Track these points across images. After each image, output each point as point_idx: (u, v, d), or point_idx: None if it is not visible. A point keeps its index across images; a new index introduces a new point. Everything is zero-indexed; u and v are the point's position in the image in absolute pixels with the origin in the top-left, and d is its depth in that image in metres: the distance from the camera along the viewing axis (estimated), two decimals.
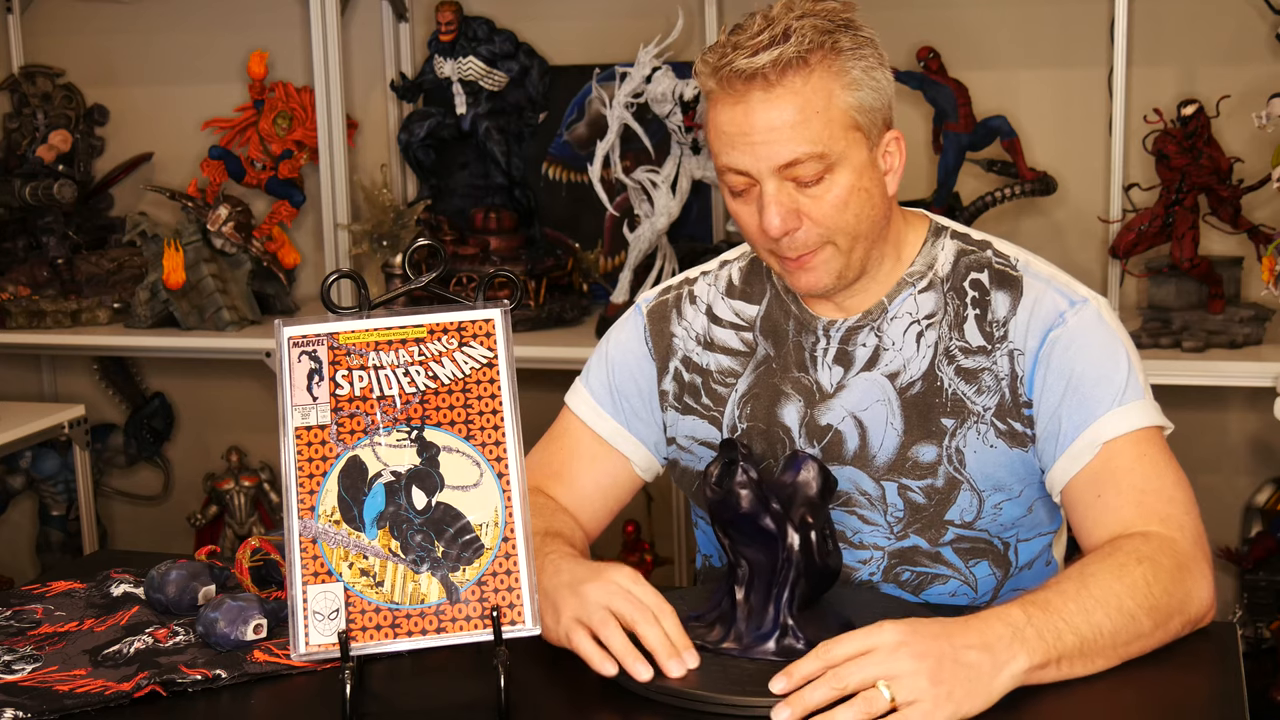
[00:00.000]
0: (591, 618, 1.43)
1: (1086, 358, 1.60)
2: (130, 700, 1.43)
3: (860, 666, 1.31)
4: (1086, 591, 1.42)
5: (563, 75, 3.24)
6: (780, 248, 1.60)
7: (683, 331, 1.77)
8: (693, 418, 1.76)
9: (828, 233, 1.58)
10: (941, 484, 1.63)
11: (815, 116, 1.54)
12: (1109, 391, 1.58)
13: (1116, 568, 1.45)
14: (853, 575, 1.67)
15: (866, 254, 1.63)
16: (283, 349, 1.43)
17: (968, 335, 1.64)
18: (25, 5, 3.60)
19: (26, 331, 3.26)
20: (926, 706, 1.29)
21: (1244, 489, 2.97)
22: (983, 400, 1.63)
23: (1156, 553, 1.48)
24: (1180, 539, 1.52)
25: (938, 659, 1.31)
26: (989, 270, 1.66)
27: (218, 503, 3.48)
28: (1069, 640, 1.38)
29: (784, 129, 1.54)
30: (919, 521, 1.65)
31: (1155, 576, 1.45)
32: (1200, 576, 1.50)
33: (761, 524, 1.46)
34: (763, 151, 1.55)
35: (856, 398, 1.66)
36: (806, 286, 1.63)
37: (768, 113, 1.54)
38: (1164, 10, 2.88)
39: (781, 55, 1.52)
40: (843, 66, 1.55)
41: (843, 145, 1.56)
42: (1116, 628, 1.41)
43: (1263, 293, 2.70)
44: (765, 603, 1.47)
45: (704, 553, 1.87)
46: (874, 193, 1.60)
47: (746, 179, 1.58)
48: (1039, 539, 1.70)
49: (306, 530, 1.38)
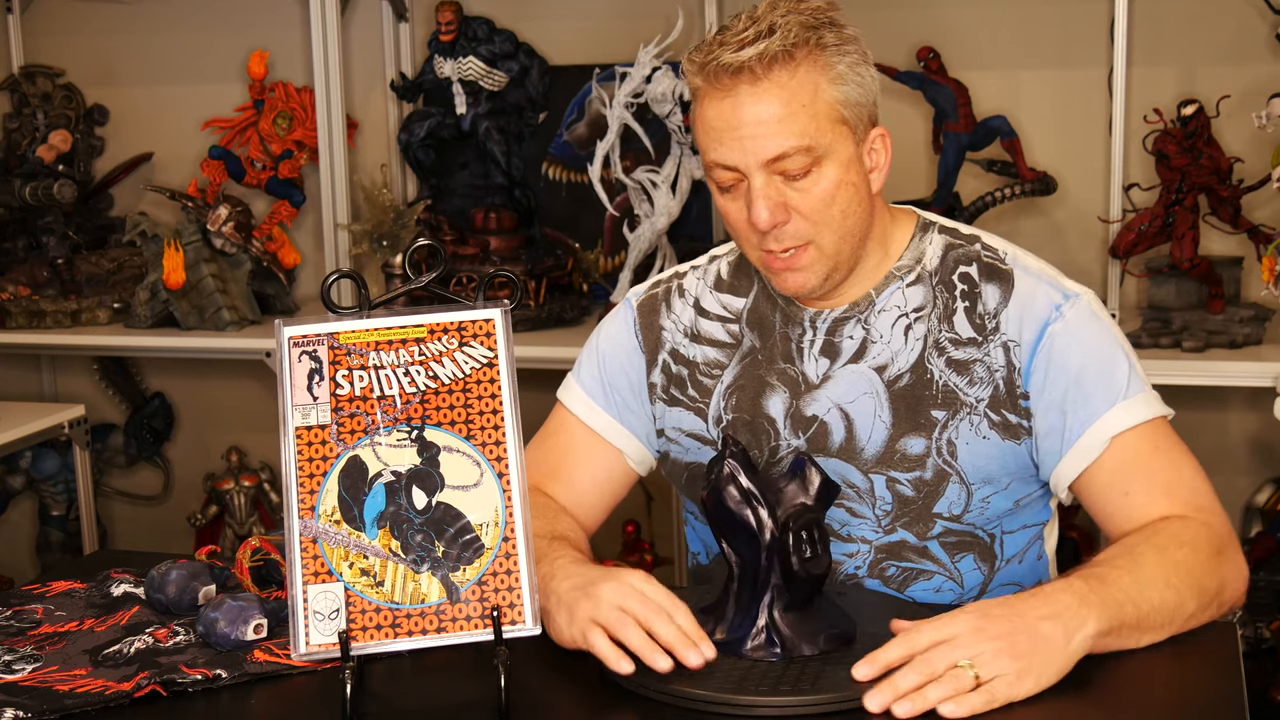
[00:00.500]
0: (608, 618, 1.43)
1: (1087, 352, 1.61)
2: (130, 700, 1.43)
3: (944, 653, 1.35)
4: (1138, 569, 1.47)
5: (563, 75, 3.24)
6: (767, 242, 1.60)
7: (671, 324, 1.78)
8: (679, 409, 1.76)
9: (814, 227, 1.59)
10: (930, 476, 1.64)
11: (802, 110, 1.55)
12: (1112, 386, 1.60)
13: (1161, 549, 1.50)
14: (839, 569, 1.67)
15: (853, 253, 1.64)
16: (283, 349, 1.44)
17: (957, 327, 1.65)
18: (25, 5, 3.60)
19: (26, 331, 3.26)
20: (1010, 679, 1.35)
21: (1244, 489, 2.97)
22: (975, 391, 1.63)
23: (1195, 537, 1.53)
24: (1215, 524, 1.57)
25: (1013, 635, 1.37)
26: (978, 263, 1.67)
27: (218, 503, 3.48)
28: (1129, 611, 1.44)
29: (771, 123, 1.55)
30: (907, 515, 1.65)
31: (1196, 559, 1.51)
32: (1233, 562, 1.56)
33: (745, 523, 1.47)
34: (750, 145, 1.56)
35: (843, 389, 1.67)
36: (795, 288, 1.64)
37: (755, 106, 1.55)
38: (1164, 10, 2.88)
39: (767, 49, 1.54)
40: (828, 61, 1.57)
41: (829, 139, 1.57)
42: (1167, 604, 1.46)
43: (1263, 293, 2.70)
44: (751, 601, 1.47)
45: (692, 550, 1.88)
46: (860, 188, 1.61)
47: (734, 174, 1.59)
48: (1024, 531, 1.70)
49: (307, 530, 1.38)
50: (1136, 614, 1.44)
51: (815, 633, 1.45)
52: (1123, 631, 1.44)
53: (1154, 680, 1.42)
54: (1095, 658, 1.43)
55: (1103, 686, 1.40)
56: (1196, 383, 2.57)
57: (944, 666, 1.35)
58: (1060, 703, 1.37)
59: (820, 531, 1.47)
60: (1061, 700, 1.37)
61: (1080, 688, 1.39)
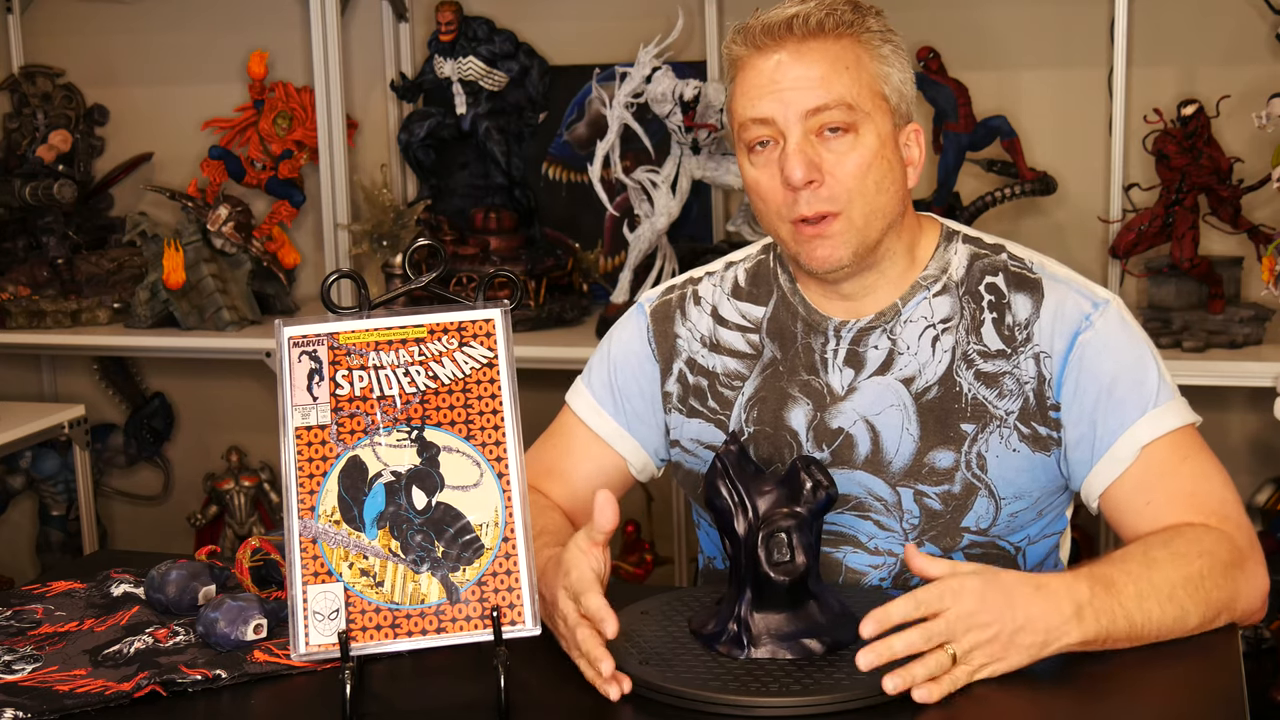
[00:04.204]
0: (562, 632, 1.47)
1: (1118, 361, 1.60)
2: (130, 700, 1.43)
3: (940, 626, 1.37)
4: (1148, 577, 1.46)
5: (563, 75, 3.24)
6: (799, 206, 1.58)
7: (687, 332, 1.77)
8: (699, 421, 1.75)
9: (846, 196, 1.57)
10: (958, 490, 1.63)
11: (845, 72, 1.57)
12: (1142, 394, 1.59)
13: (1178, 557, 1.49)
14: (863, 580, 1.66)
15: (882, 235, 1.61)
16: (283, 349, 1.43)
17: (986, 339, 1.63)
18: (25, 5, 3.60)
19: (26, 331, 3.26)
20: (972, 670, 1.38)
21: (1244, 489, 2.97)
22: (1005, 404, 1.62)
23: (1215, 546, 1.51)
24: (1237, 536, 1.55)
25: (996, 636, 1.38)
26: (1005, 273, 1.65)
27: (218, 503, 3.48)
28: (1121, 625, 1.43)
29: (814, 78, 1.56)
30: (935, 529, 1.64)
31: (1211, 570, 1.49)
32: (1253, 576, 1.53)
33: (728, 522, 1.47)
34: (790, 97, 1.56)
35: (869, 401, 1.65)
36: (823, 260, 1.60)
37: (797, 65, 1.57)
38: (1164, 10, 2.88)
39: (814, 13, 1.57)
40: (872, 41, 1.60)
41: (869, 107, 1.58)
42: (1165, 618, 1.45)
43: (1263, 293, 2.70)
44: (734, 597, 1.47)
45: (707, 554, 1.87)
46: (895, 169, 1.61)
47: (770, 129, 1.58)
48: (1045, 540, 1.70)
49: (306, 530, 1.38)
50: (1129, 628, 1.43)
51: (792, 636, 1.44)
52: (1109, 642, 1.43)
53: (1154, 680, 1.42)
54: (1095, 657, 1.43)
55: (1102, 686, 1.40)
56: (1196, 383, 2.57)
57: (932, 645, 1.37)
58: (1060, 702, 1.37)
59: (799, 536, 1.45)
60: (1061, 700, 1.38)
61: (1079, 687, 1.39)
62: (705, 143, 2.83)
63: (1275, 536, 2.86)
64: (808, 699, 1.35)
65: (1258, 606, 1.54)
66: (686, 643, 1.48)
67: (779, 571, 1.45)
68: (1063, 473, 1.64)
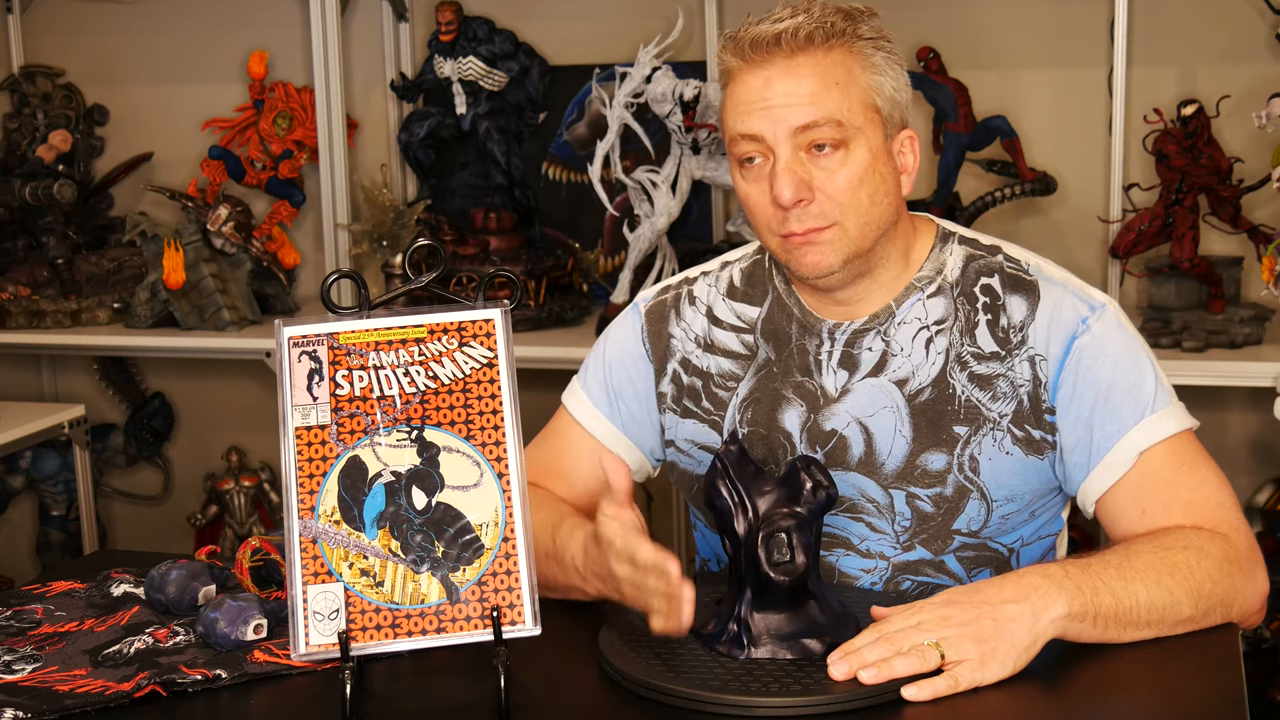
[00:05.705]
0: None
1: (1114, 366, 1.59)
2: (130, 700, 1.43)
3: (910, 634, 1.37)
4: (1128, 563, 1.46)
5: (563, 75, 3.24)
6: (789, 223, 1.57)
7: (681, 333, 1.76)
8: (693, 421, 1.75)
9: (839, 210, 1.56)
10: (950, 492, 1.62)
11: (835, 87, 1.55)
12: (1140, 400, 1.58)
13: (1161, 549, 1.49)
14: (854, 584, 1.66)
15: (874, 245, 1.60)
16: (283, 349, 1.43)
17: (980, 341, 1.62)
18: (25, 5, 3.60)
19: (26, 331, 3.26)
20: (974, 665, 1.36)
21: (1244, 489, 2.97)
22: (998, 406, 1.61)
23: (1206, 543, 1.50)
24: (1234, 537, 1.54)
25: (978, 620, 1.38)
26: (1000, 275, 1.64)
27: (218, 503, 3.48)
28: (1106, 600, 1.42)
29: (804, 95, 1.55)
30: (926, 532, 1.64)
31: (1200, 563, 1.48)
32: (1252, 577, 1.52)
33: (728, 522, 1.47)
34: (780, 114, 1.55)
35: (862, 403, 1.65)
36: (812, 266, 1.59)
37: (787, 80, 1.55)
38: (1164, 10, 2.88)
39: (804, 26, 1.55)
40: (864, 50, 1.58)
41: (860, 121, 1.56)
42: (1155, 602, 1.44)
43: (1263, 293, 2.70)
44: (734, 597, 1.47)
45: (702, 556, 1.87)
46: (888, 181, 1.59)
47: (759, 145, 1.57)
48: (1039, 543, 1.69)
49: (306, 530, 1.38)
50: (1116, 605, 1.42)
51: (792, 636, 1.44)
52: (1099, 621, 1.42)
53: (1154, 680, 1.42)
54: (1095, 657, 1.43)
55: (1102, 686, 1.40)
56: (1196, 383, 2.57)
57: (909, 645, 1.36)
58: (1059, 701, 1.37)
59: (799, 536, 1.45)
60: (1060, 699, 1.38)
61: (1079, 687, 1.39)
62: (705, 143, 2.83)
63: (1275, 536, 2.86)
64: (808, 699, 1.35)
65: (1257, 608, 1.53)
66: (686, 642, 1.48)
67: (779, 571, 1.45)
68: (1057, 476, 1.63)
